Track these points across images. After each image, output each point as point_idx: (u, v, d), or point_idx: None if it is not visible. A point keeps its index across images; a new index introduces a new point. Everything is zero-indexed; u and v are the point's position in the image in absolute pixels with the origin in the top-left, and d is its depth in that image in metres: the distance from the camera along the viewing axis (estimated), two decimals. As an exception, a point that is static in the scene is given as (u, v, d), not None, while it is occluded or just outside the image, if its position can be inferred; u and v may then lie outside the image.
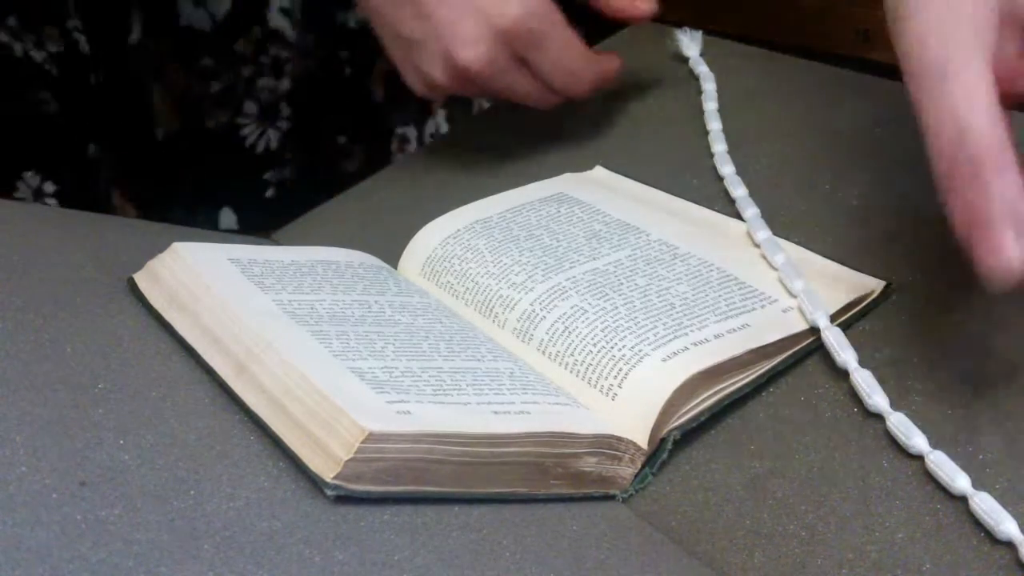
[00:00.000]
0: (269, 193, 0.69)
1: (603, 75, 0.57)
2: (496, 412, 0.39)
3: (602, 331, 0.43)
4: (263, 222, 0.65)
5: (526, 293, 0.46)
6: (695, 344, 0.42)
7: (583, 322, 0.44)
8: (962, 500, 0.36)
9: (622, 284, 0.46)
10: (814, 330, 0.43)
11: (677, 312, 0.44)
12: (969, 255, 0.36)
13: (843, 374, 0.42)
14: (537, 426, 0.38)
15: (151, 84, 0.67)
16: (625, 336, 0.42)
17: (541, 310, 0.45)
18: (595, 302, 0.44)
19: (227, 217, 0.71)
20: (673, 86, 0.64)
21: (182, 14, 0.65)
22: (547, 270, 0.47)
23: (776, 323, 0.43)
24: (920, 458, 0.38)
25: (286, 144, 0.72)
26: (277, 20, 0.68)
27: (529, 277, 0.47)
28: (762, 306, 0.44)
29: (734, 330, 0.43)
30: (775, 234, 0.49)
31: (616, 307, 0.44)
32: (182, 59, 0.65)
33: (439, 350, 0.42)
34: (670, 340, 0.42)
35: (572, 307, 0.44)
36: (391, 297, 0.47)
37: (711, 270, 0.47)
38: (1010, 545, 0.35)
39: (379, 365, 0.40)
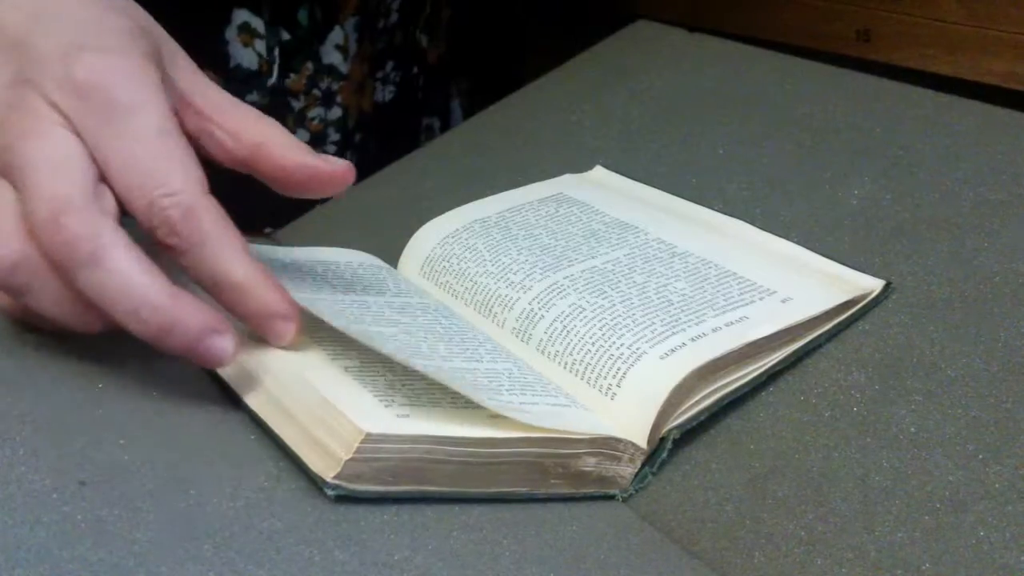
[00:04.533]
0: (316, 205, 0.70)
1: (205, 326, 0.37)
2: (494, 416, 0.39)
3: (600, 329, 0.43)
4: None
5: (524, 292, 0.46)
6: (693, 339, 0.42)
7: (581, 320, 0.44)
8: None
9: (620, 282, 0.46)
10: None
11: (675, 308, 0.44)
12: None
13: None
14: (535, 431, 0.38)
15: None
16: (623, 334, 0.42)
17: (540, 309, 0.45)
18: (593, 300, 0.44)
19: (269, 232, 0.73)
20: (673, 86, 0.64)
21: (231, 56, 0.67)
22: (545, 269, 0.47)
23: (775, 314, 0.43)
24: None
25: None
26: (331, 56, 0.70)
27: (527, 276, 0.47)
28: (761, 298, 0.44)
29: (732, 323, 0.43)
30: (775, 234, 0.49)
31: (614, 304, 0.44)
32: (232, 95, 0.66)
33: (438, 351, 0.42)
34: (668, 336, 0.42)
35: (570, 305, 0.44)
36: (390, 297, 0.47)
37: (709, 267, 0.47)
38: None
39: (378, 368, 0.40)
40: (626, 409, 0.40)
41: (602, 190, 0.55)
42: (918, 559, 0.35)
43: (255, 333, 0.41)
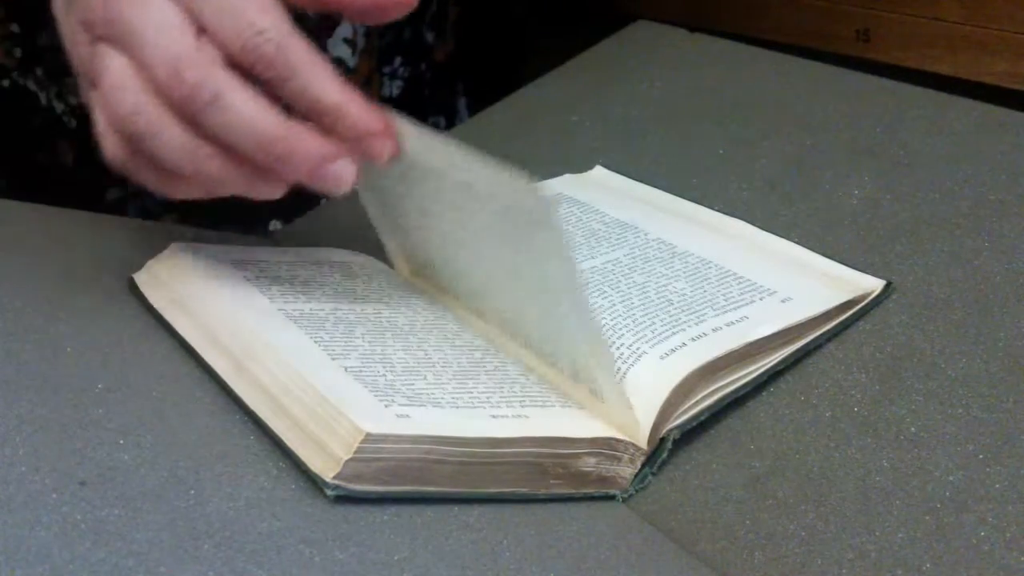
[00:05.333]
0: (322, 202, 0.71)
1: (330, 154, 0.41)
2: (495, 416, 0.39)
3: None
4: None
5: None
6: (693, 339, 0.42)
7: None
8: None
9: (620, 282, 0.46)
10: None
11: (675, 308, 0.44)
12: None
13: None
14: (535, 430, 0.38)
15: None
16: (623, 334, 0.42)
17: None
18: (593, 300, 0.44)
19: (275, 228, 0.73)
20: (673, 86, 0.64)
21: None
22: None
23: (776, 314, 0.43)
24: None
25: None
26: (339, 49, 0.70)
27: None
28: (761, 298, 0.44)
29: (732, 323, 0.43)
30: (775, 234, 0.49)
31: (614, 304, 0.44)
32: None
33: (442, 351, 0.42)
34: (668, 336, 0.42)
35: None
36: (388, 299, 0.47)
37: (709, 267, 0.47)
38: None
39: (378, 368, 0.40)
40: (625, 408, 0.40)
41: (602, 190, 0.55)
42: (918, 559, 0.35)
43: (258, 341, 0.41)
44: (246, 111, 0.40)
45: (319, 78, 0.41)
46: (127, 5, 0.40)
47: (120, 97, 0.40)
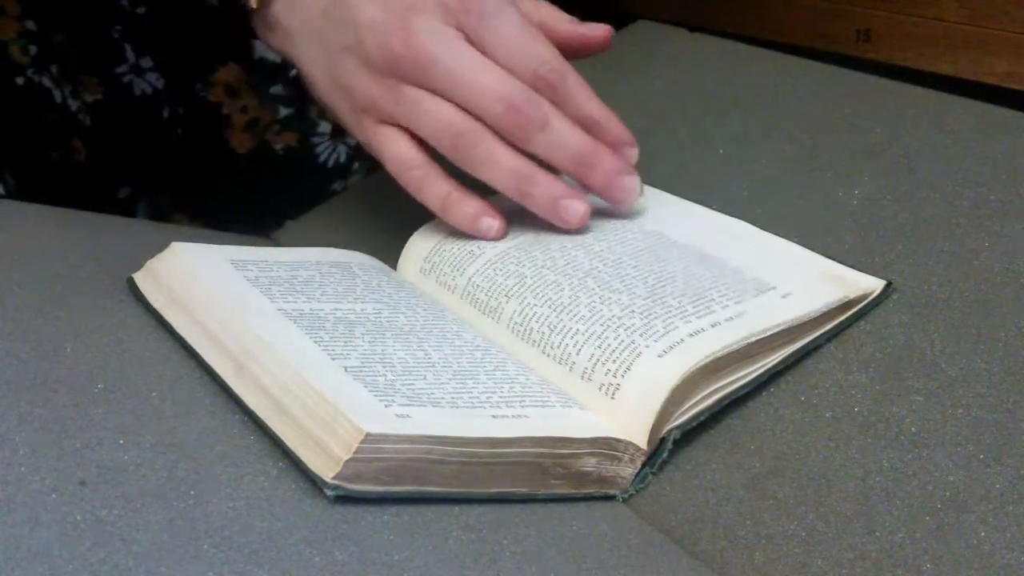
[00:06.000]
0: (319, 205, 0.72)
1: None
2: (495, 416, 0.38)
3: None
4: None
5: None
6: (691, 335, 0.41)
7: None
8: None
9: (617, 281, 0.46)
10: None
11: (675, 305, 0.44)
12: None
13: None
14: (535, 430, 0.38)
15: (229, 112, 0.72)
16: (619, 332, 0.42)
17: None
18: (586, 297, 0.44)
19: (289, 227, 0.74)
20: (673, 86, 0.64)
21: (256, 48, 0.71)
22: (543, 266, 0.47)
23: (775, 309, 0.43)
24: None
25: (354, 157, 0.75)
26: None
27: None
28: (761, 292, 0.44)
29: (732, 318, 0.42)
30: (776, 234, 0.49)
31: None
32: (256, 87, 0.68)
33: (442, 352, 0.42)
34: (666, 334, 0.42)
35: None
36: (389, 299, 0.47)
37: (709, 264, 0.46)
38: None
39: (378, 368, 0.40)
40: (626, 408, 0.40)
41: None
42: (918, 559, 0.35)
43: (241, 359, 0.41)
44: (566, 131, 0.47)
45: (589, 98, 0.49)
46: (430, 43, 0.46)
47: (455, 134, 0.47)
